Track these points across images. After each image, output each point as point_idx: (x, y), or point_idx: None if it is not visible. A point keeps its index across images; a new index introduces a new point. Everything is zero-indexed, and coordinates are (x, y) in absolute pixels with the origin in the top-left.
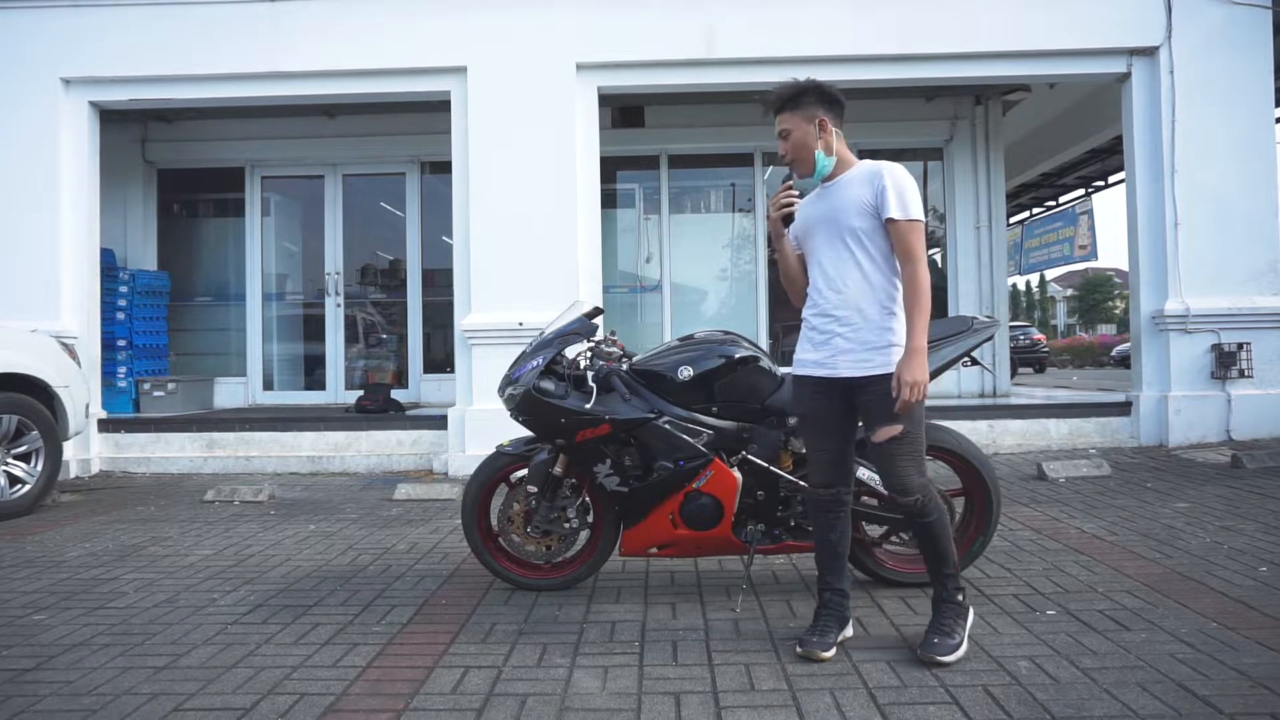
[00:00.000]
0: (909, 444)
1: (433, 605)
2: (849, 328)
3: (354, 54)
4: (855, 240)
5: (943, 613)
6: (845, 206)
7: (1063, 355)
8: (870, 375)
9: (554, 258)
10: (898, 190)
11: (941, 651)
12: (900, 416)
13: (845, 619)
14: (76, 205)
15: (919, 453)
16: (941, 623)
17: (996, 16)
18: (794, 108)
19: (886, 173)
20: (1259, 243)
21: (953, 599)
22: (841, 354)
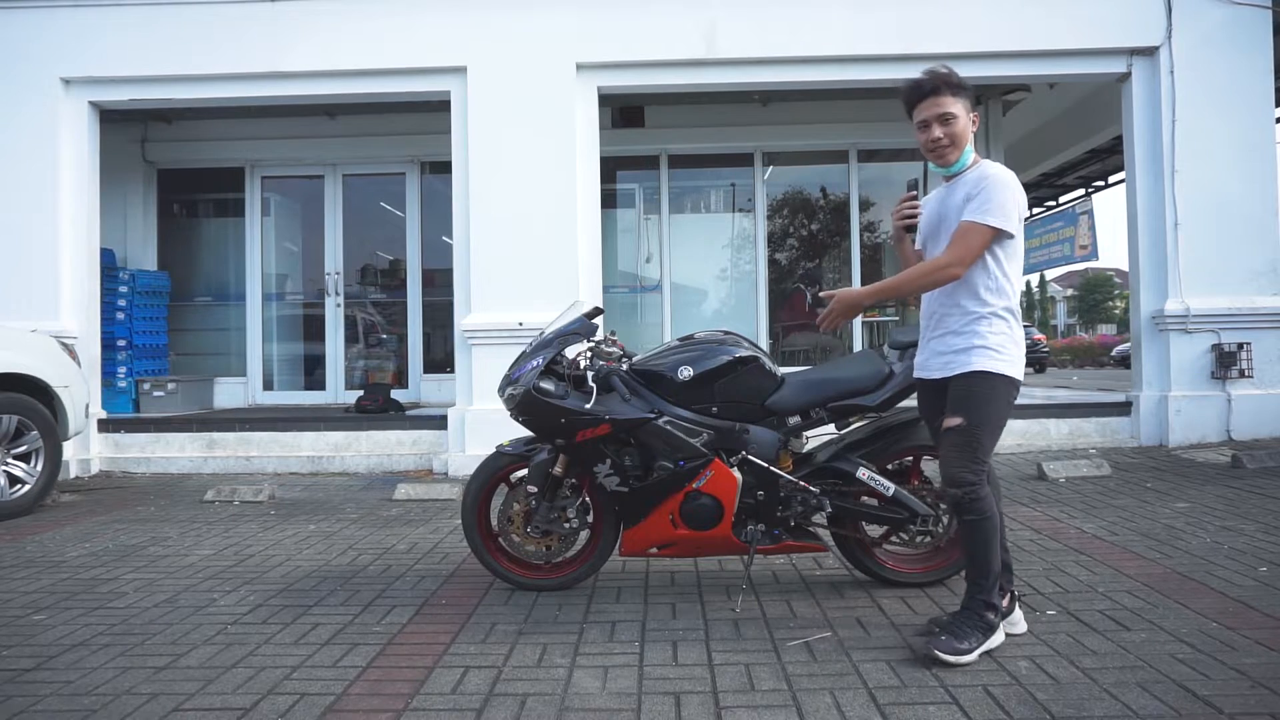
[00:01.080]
0: (965, 437)
1: (433, 605)
2: (942, 331)
3: (354, 54)
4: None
5: (962, 618)
6: (953, 209)
7: (1063, 355)
8: (952, 376)
9: (554, 258)
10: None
11: (944, 649)
12: (962, 410)
13: None
14: (76, 205)
15: (974, 451)
16: (957, 626)
17: (996, 16)
18: (957, 93)
19: (990, 178)
20: (1259, 243)
21: (978, 609)
22: (935, 356)
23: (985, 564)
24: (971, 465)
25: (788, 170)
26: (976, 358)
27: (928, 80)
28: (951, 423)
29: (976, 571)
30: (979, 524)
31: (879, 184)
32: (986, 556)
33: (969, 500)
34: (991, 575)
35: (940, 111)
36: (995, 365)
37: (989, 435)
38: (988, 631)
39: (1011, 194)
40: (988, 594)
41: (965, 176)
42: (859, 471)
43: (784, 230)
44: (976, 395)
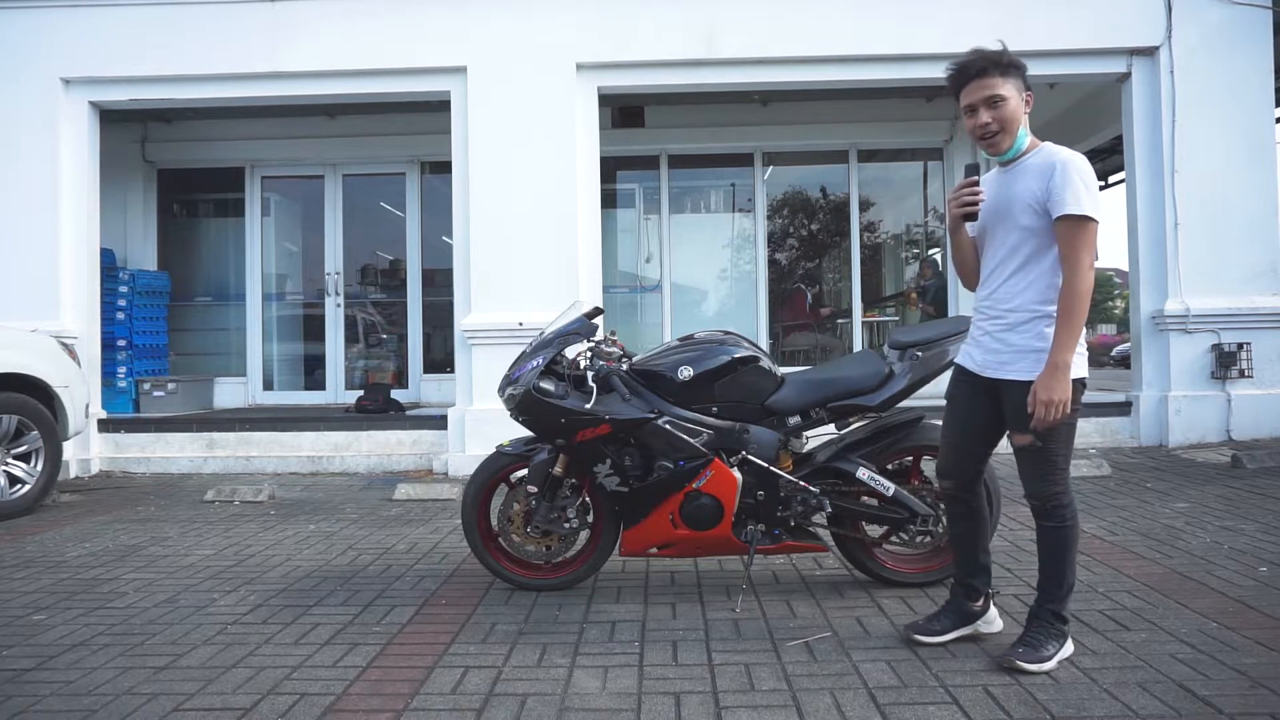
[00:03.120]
0: (1037, 455)
1: (433, 605)
2: (999, 327)
3: (354, 54)
4: (1020, 237)
5: (1034, 628)
6: (1016, 198)
7: None
8: (1010, 379)
9: (554, 258)
10: (1079, 184)
11: (1027, 659)
12: (1029, 429)
13: (967, 614)
14: (76, 205)
15: (1050, 464)
16: (1030, 636)
17: (996, 16)
18: (1007, 73)
19: (1064, 164)
20: (1259, 243)
21: (1047, 619)
22: (989, 353)
23: (1061, 574)
24: (1055, 476)
25: (788, 170)
26: (1040, 364)
27: (974, 60)
28: (1023, 441)
29: (1051, 579)
30: (1056, 531)
31: (879, 184)
32: (1063, 566)
33: (1050, 508)
34: (1066, 585)
35: (988, 94)
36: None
37: (1065, 445)
38: (1061, 639)
39: (1091, 177)
40: (1058, 604)
41: (1028, 163)
42: (859, 471)
43: (784, 230)
44: None
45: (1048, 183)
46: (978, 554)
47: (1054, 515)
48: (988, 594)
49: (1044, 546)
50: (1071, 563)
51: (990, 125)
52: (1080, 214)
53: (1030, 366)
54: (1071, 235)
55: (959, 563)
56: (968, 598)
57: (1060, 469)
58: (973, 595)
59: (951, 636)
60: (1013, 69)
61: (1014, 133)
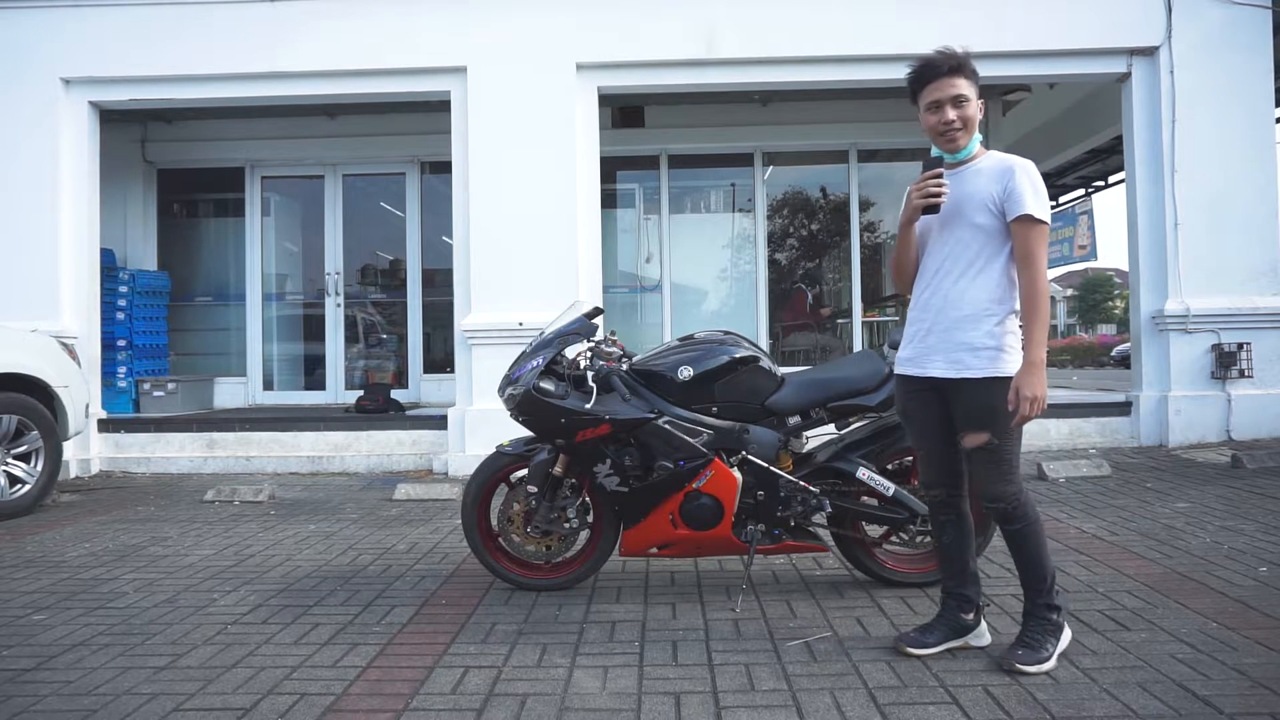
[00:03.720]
0: (995, 454)
1: (433, 605)
2: (944, 325)
3: (354, 54)
4: (972, 236)
5: (1030, 626)
6: (970, 198)
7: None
8: (960, 378)
9: (554, 258)
10: (1034, 188)
11: (1026, 661)
12: (986, 426)
13: (959, 626)
14: (76, 205)
15: (1007, 462)
16: (1028, 636)
17: (996, 16)
18: (970, 77)
19: (1020, 168)
20: (1259, 243)
21: (1041, 614)
22: (934, 353)
23: (1040, 568)
24: (1009, 477)
25: (788, 170)
26: (989, 362)
27: (942, 60)
28: (978, 441)
29: (1032, 576)
30: (1025, 531)
31: (879, 184)
32: (1039, 561)
33: (1011, 510)
34: (1048, 577)
35: (955, 93)
36: (1009, 368)
37: (1017, 443)
38: (1057, 632)
39: (1043, 184)
40: (1048, 596)
41: (979, 166)
42: (859, 471)
43: (784, 230)
44: (999, 405)
45: (1005, 184)
46: (967, 561)
47: (1016, 517)
48: (979, 606)
49: (1018, 551)
50: (1046, 554)
51: (955, 122)
52: (1037, 216)
53: (983, 364)
54: (1029, 235)
55: (950, 573)
56: (961, 609)
57: (1016, 468)
58: (965, 607)
59: (942, 649)
60: (974, 74)
61: (972, 133)
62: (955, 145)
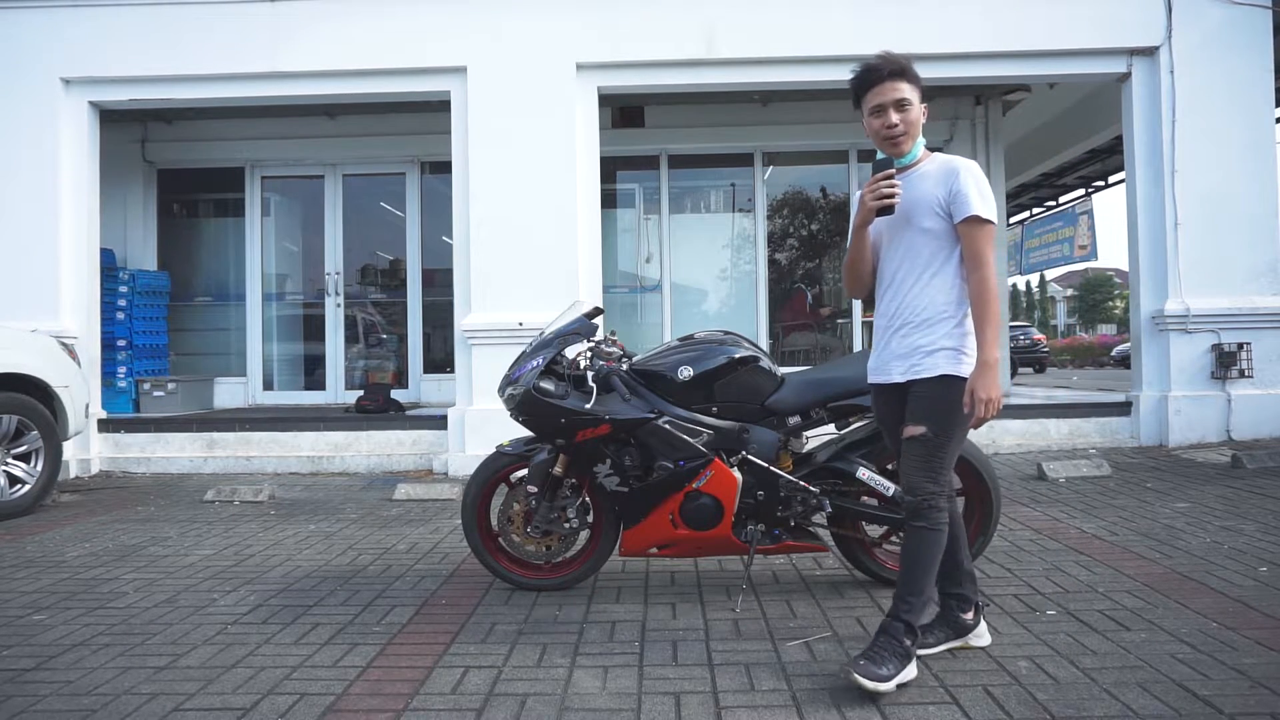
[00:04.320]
0: (927, 447)
1: (433, 605)
2: (904, 332)
3: (354, 54)
4: (924, 241)
5: (881, 640)
6: (918, 203)
7: (1063, 355)
8: (914, 379)
9: (554, 258)
10: (978, 188)
11: (864, 673)
12: (925, 419)
13: (960, 626)
14: (76, 205)
15: (937, 461)
16: (873, 649)
17: (996, 16)
18: (914, 81)
19: (965, 170)
20: (1259, 243)
21: (897, 632)
22: (896, 359)
23: (919, 580)
24: (936, 475)
25: (788, 170)
26: (944, 362)
27: (886, 64)
28: (914, 431)
29: (907, 584)
30: (925, 534)
31: None
32: (923, 572)
33: (924, 507)
34: (922, 595)
35: (898, 97)
36: (965, 369)
37: (953, 443)
38: (904, 659)
39: (986, 183)
40: (912, 614)
41: (924, 169)
42: (859, 471)
43: (784, 230)
44: (942, 404)
45: (949, 187)
46: (961, 560)
47: (925, 515)
48: (978, 605)
49: (907, 550)
50: (933, 572)
51: (898, 126)
52: (984, 217)
53: (936, 363)
54: (976, 236)
55: (944, 573)
56: (960, 609)
57: (945, 467)
58: (964, 606)
59: (942, 649)
60: (916, 78)
61: (915, 137)
62: (899, 150)
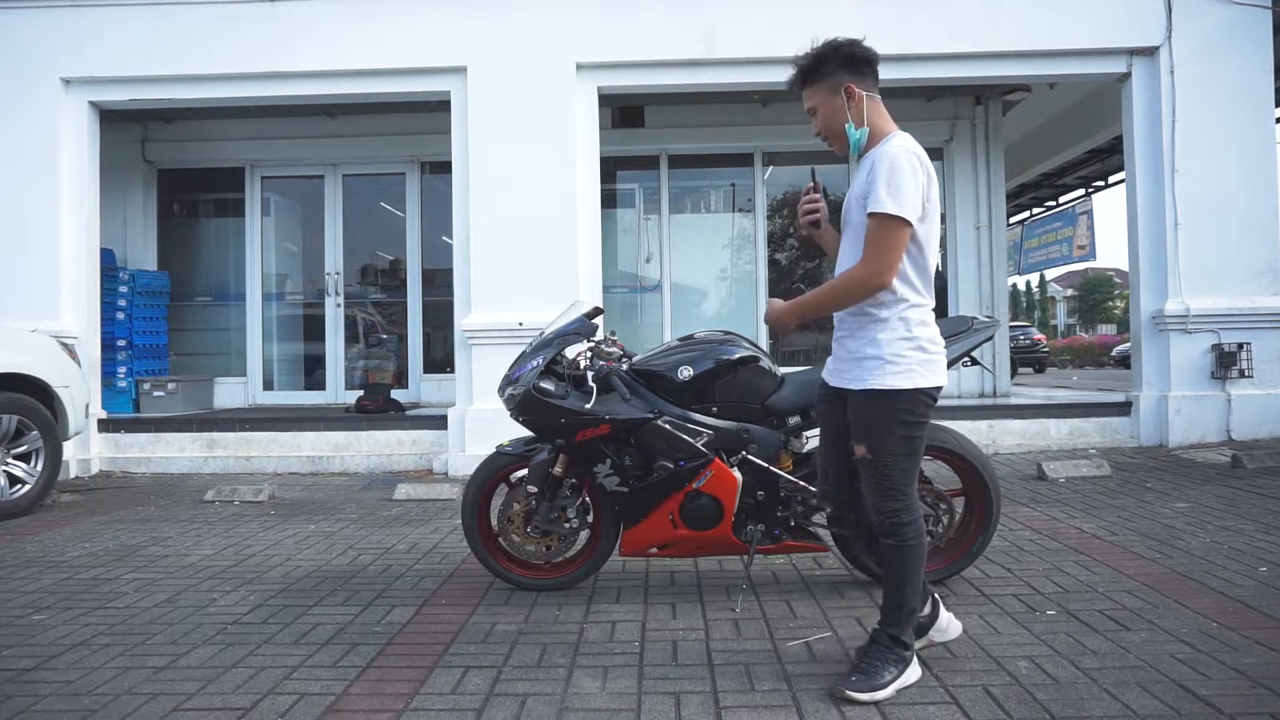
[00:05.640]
0: (873, 470)
1: (433, 605)
2: (841, 334)
3: (354, 54)
4: (857, 238)
5: (870, 653)
6: (853, 195)
7: (1063, 355)
8: (846, 389)
9: (554, 258)
10: (889, 180)
11: (857, 687)
12: (863, 438)
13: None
14: (76, 205)
15: (887, 478)
16: (864, 661)
17: (997, 16)
18: (815, 79)
19: (880, 159)
20: (1259, 243)
21: (884, 642)
22: (835, 360)
23: (899, 595)
24: (892, 493)
25: (788, 170)
26: (869, 374)
27: (792, 76)
28: (858, 452)
29: (889, 600)
30: (894, 550)
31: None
32: (902, 588)
33: (889, 525)
34: (905, 608)
35: (808, 106)
36: (890, 381)
37: (901, 460)
38: (901, 664)
39: (906, 172)
40: (897, 628)
41: (867, 156)
42: None
43: (784, 230)
44: (875, 422)
45: (867, 176)
46: None
47: (893, 533)
48: (933, 599)
49: (885, 567)
50: (914, 585)
51: (819, 133)
52: (893, 213)
53: (864, 375)
54: (874, 230)
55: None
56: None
57: (899, 485)
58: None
59: None
60: (814, 74)
61: (840, 134)
62: (838, 148)
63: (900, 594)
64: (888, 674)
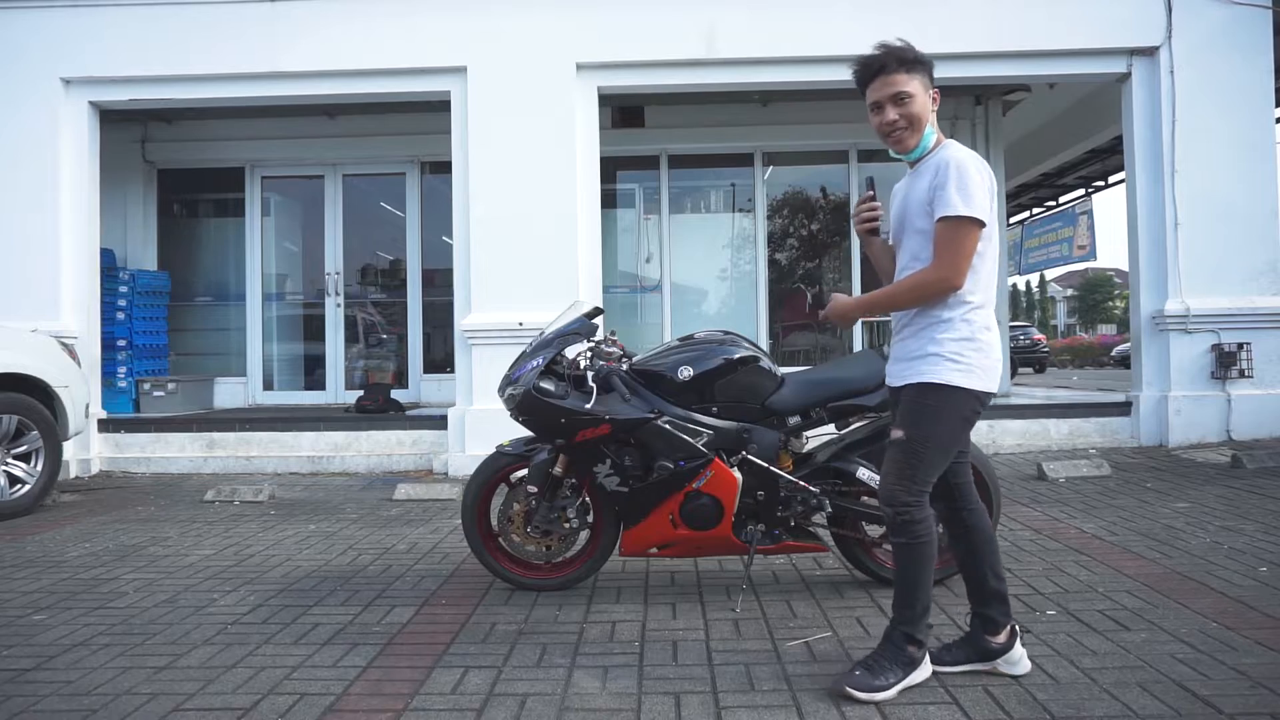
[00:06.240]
0: (904, 453)
1: (433, 605)
2: (901, 336)
3: (354, 54)
4: (919, 244)
5: (880, 650)
6: (914, 200)
7: (1063, 355)
8: (904, 384)
9: (554, 258)
10: (960, 183)
11: (856, 685)
12: (906, 423)
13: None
14: (76, 205)
15: (914, 469)
16: (871, 658)
17: (996, 16)
18: (913, 69)
19: (951, 164)
20: (1259, 243)
21: (896, 640)
22: (895, 362)
23: (912, 593)
24: (909, 485)
25: (788, 170)
26: (930, 367)
27: (878, 57)
28: (894, 434)
29: (901, 598)
30: (910, 548)
31: (879, 184)
32: (914, 585)
33: (901, 522)
34: (918, 606)
35: (893, 91)
36: (950, 376)
37: (934, 453)
38: (909, 666)
39: (977, 176)
40: (911, 626)
41: (928, 162)
42: (859, 471)
43: (784, 230)
44: (925, 409)
45: (931, 181)
46: (985, 578)
47: (904, 530)
48: (1012, 628)
49: (897, 565)
50: (925, 583)
51: (898, 122)
52: (954, 215)
53: (923, 369)
54: (947, 233)
55: (968, 590)
56: (985, 631)
57: (920, 479)
58: (990, 628)
59: (963, 669)
60: (918, 65)
61: (921, 130)
62: (903, 146)
63: (913, 593)
64: (892, 675)
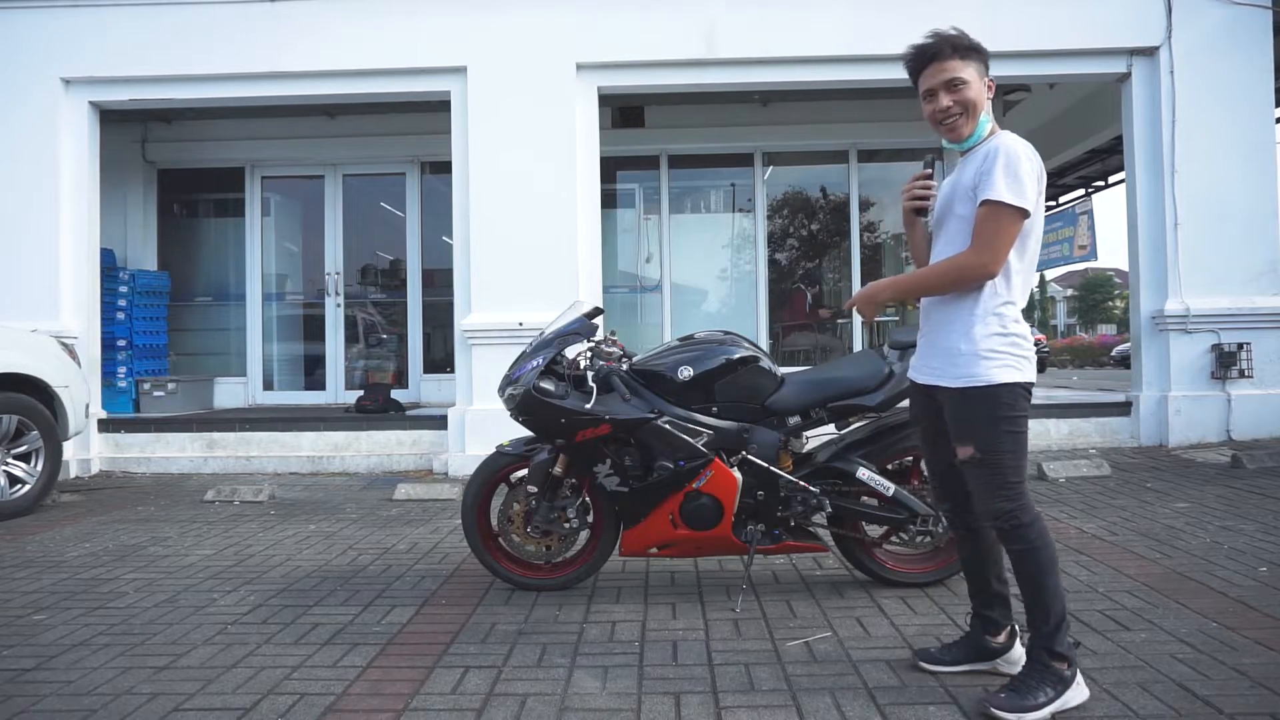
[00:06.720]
0: (983, 469)
1: (433, 605)
2: (935, 330)
3: (354, 54)
4: (958, 230)
5: (1027, 669)
6: (959, 187)
7: (1063, 355)
8: (944, 386)
9: (554, 258)
10: (1008, 170)
11: (1004, 705)
12: (968, 439)
13: (983, 649)
14: (76, 205)
15: (999, 476)
16: (1019, 679)
17: (996, 16)
18: (966, 57)
19: (1000, 150)
20: (1259, 243)
21: (1039, 658)
22: (925, 359)
23: (1040, 602)
24: (1004, 493)
25: (788, 170)
26: (968, 368)
27: (931, 43)
28: (964, 454)
29: (1032, 610)
30: (1025, 555)
31: (879, 184)
32: (1042, 593)
33: (1011, 529)
34: (1052, 617)
35: (948, 77)
36: (987, 374)
37: (1009, 455)
38: (1060, 685)
39: (1028, 164)
40: (1049, 640)
41: (977, 150)
42: (859, 471)
43: (784, 230)
44: (978, 417)
45: (980, 166)
46: (989, 580)
47: (1017, 537)
48: (1012, 629)
49: (1017, 574)
50: (1054, 589)
51: (952, 109)
52: (997, 200)
53: (960, 372)
54: (987, 218)
55: (971, 591)
56: (985, 631)
57: (1011, 483)
58: (991, 629)
59: (962, 669)
60: (973, 53)
61: (976, 117)
62: (957, 134)
63: (1043, 602)
64: (1042, 695)
